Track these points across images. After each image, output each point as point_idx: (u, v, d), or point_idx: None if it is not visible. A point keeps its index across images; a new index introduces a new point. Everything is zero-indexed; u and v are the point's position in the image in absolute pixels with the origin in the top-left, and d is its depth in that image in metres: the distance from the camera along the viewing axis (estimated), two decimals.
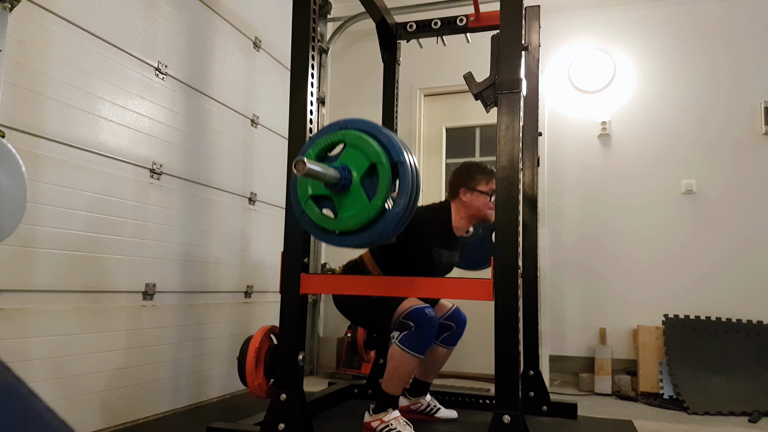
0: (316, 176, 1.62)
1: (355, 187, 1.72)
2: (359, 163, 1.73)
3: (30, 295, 1.99)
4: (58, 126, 2.10)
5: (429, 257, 2.40)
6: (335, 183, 1.70)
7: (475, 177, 2.47)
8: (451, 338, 2.56)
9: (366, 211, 1.70)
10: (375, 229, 1.72)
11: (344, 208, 1.74)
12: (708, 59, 3.71)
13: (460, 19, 2.93)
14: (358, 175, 1.72)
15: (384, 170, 1.70)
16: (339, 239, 1.79)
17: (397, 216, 1.71)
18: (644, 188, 3.74)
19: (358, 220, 1.71)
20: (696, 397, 3.13)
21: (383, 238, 1.78)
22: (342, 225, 1.74)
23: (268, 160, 3.53)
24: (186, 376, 2.75)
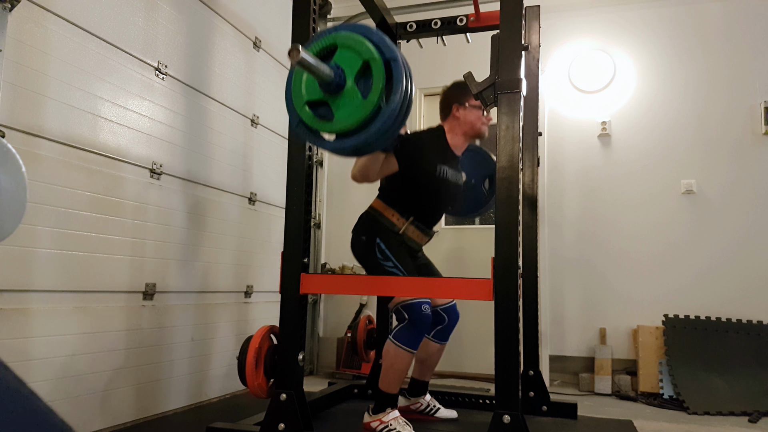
0: (310, 68, 1.59)
1: (349, 86, 1.69)
2: (352, 62, 1.70)
3: (30, 295, 1.99)
4: (58, 126, 2.10)
5: (435, 175, 2.41)
6: (330, 82, 1.67)
7: (466, 92, 2.47)
8: (442, 333, 2.57)
9: (362, 109, 1.67)
10: (371, 128, 1.69)
11: (340, 109, 1.71)
12: (708, 59, 3.71)
13: (460, 19, 2.93)
14: (351, 74, 1.70)
15: (377, 67, 1.68)
16: (337, 143, 1.76)
17: (393, 112, 1.68)
18: (644, 188, 3.74)
19: (355, 118, 1.68)
20: (696, 397, 3.13)
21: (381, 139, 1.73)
22: (338, 126, 1.71)
23: (268, 160, 3.53)
24: (186, 376, 2.75)
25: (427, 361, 2.61)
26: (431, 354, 2.58)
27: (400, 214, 2.42)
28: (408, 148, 2.39)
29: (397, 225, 2.41)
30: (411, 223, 2.42)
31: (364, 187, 4.16)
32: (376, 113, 1.68)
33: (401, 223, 2.41)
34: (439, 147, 2.50)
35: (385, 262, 2.34)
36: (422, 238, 2.49)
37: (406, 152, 2.38)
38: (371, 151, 1.89)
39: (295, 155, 2.24)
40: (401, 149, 2.37)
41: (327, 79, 1.66)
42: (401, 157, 2.38)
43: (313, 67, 1.59)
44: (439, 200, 2.51)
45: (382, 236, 2.38)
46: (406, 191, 2.42)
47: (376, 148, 1.84)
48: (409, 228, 2.42)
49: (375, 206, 2.48)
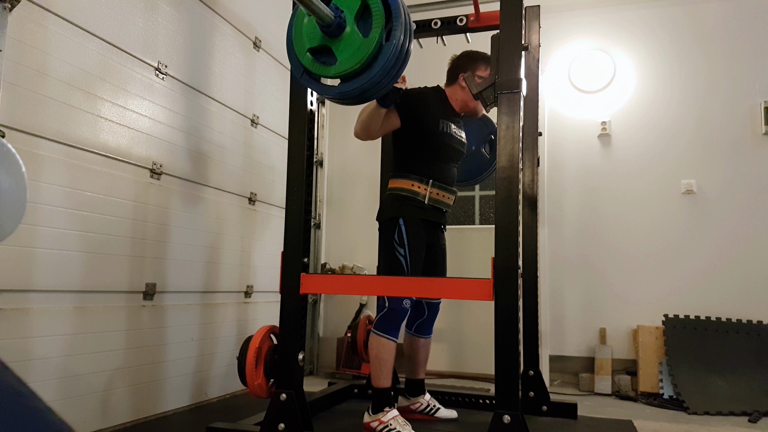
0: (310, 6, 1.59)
1: (350, 27, 1.70)
2: (351, 3, 1.71)
3: (30, 295, 1.99)
4: (58, 126, 2.10)
5: (437, 130, 2.42)
6: (330, 23, 1.67)
7: (476, 62, 2.51)
8: (423, 327, 2.60)
9: (364, 48, 1.68)
10: (375, 66, 1.69)
11: (342, 52, 1.71)
12: (708, 59, 3.71)
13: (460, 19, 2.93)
14: (351, 15, 1.70)
15: (376, 5, 1.68)
16: (343, 87, 1.76)
17: (394, 48, 1.69)
18: (644, 188, 3.74)
19: (358, 58, 1.69)
20: (696, 397, 3.13)
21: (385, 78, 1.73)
22: (342, 67, 1.71)
23: (268, 160, 3.53)
24: (186, 376, 2.75)
25: (414, 357, 2.63)
26: (417, 350, 2.61)
27: (418, 180, 2.40)
28: (409, 103, 2.40)
29: (420, 193, 2.39)
30: (432, 186, 2.41)
31: (365, 187, 4.17)
32: (379, 51, 1.69)
33: (423, 189, 2.40)
34: (440, 103, 2.52)
35: (398, 247, 2.35)
36: (448, 197, 2.47)
37: (407, 107, 2.40)
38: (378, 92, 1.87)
39: (295, 155, 2.24)
40: (402, 104, 2.38)
41: (327, 20, 1.67)
42: (403, 113, 2.39)
43: (313, 5, 1.59)
44: (447, 157, 2.48)
45: (405, 216, 2.37)
46: (414, 153, 2.42)
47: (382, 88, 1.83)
48: (432, 191, 2.41)
49: (393, 185, 2.46)
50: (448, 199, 2.48)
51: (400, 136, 2.44)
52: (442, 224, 2.56)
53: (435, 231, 2.53)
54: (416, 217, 2.39)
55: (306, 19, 1.76)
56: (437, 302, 2.62)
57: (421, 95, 2.48)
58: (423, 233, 2.41)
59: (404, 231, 2.35)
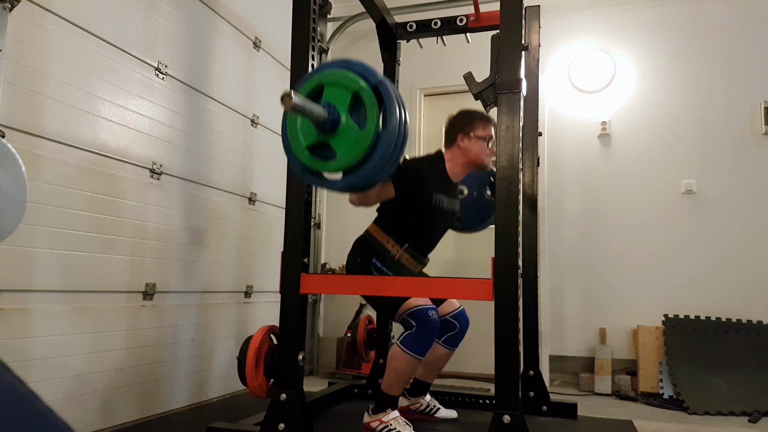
0: (304, 111, 1.59)
1: (344, 122, 1.70)
2: (342, 97, 1.71)
3: (30, 295, 1.99)
4: (58, 126, 2.10)
5: (430, 204, 2.40)
6: (324, 121, 1.67)
7: (473, 122, 2.46)
8: (453, 339, 2.55)
9: (362, 140, 1.67)
10: (375, 156, 1.69)
11: (340, 146, 1.71)
12: (708, 59, 3.71)
13: (460, 19, 2.93)
14: (344, 109, 1.70)
15: (367, 95, 1.68)
16: (345, 180, 1.76)
17: (392, 136, 1.69)
18: (644, 188, 3.74)
19: (357, 151, 1.68)
20: (696, 397, 3.13)
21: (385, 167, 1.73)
22: (343, 162, 1.71)
23: (268, 160, 3.53)
24: (186, 376, 2.75)
25: (432, 364, 2.58)
26: (438, 358, 2.56)
27: (395, 240, 2.40)
28: (405, 176, 2.36)
29: (391, 252, 2.40)
30: (405, 251, 2.41)
31: None
32: (377, 140, 1.69)
33: (396, 250, 2.40)
34: (437, 175, 2.47)
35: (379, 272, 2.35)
36: (415, 265, 2.47)
37: (404, 179, 2.36)
38: (381, 179, 1.88)
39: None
40: (399, 176, 2.34)
41: (321, 119, 1.67)
42: (398, 184, 2.35)
43: (306, 110, 1.60)
44: (435, 228, 2.49)
45: (378, 257, 2.38)
46: (402, 218, 2.40)
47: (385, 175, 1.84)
48: (404, 255, 2.41)
49: (371, 231, 2.46)
50: (414, 267, 2.47)
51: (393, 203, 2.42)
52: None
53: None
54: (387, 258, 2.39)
55: (299, 120, 1.75)
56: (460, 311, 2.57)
57: (417, 170, 2.42)
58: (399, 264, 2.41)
59: (380, 265, 2.36)
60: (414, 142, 4.19)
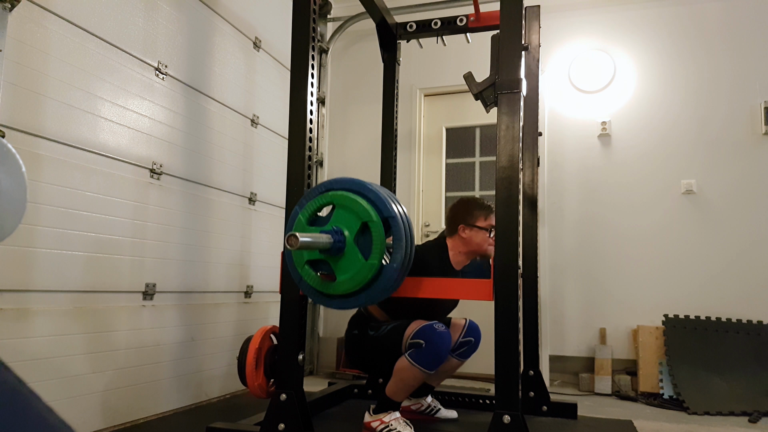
0: (309, 247, 1.62)
1: (349, 247, 1.71)
2: (351, 222, 1.73)
3: (30, 295, 1.99)
4: (58, 126, 2.10)
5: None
6: (329, 249, 1.69)
7: (473, 213, 2.46)
8: (467, 352, 2.56)
9: (364, 271, 1.70)
10: (376, 287, 1.72)
11: (341, 271, 1.73)
12: (708, 59, 3.71)
13: (460, 19, 2.93)
14: (351, 234, 1.72)
15: (376, 227, 1.69)
16: (341, 302, 1.79)
17: (395, 271, 1.72)
18: (644, 188, 3.74)
19: (357, 281, 1.71)
20: (696, 397, 3.13)
21: (384, 295, 1.77)
22: (341, 288, 1.73)
23: (268, 160, 3.53)
24: (186, 376, 2.75)
25: (442, 372, 2.58)
26: (447, 368, 2.56)
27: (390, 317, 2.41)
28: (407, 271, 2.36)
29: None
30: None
31: None
32: (379, 272, 1.70)
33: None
34: (439, 265, 2.46)
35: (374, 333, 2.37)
36: None
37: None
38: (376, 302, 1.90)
39: (295, 155, 2.24)
40: None
41: (326, 247, 1.69)
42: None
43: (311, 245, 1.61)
44: (431, 314, 2.45)
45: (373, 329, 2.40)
46: (401, 304, 2.37)
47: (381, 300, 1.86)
48: None
49: (370, 309, 2.48)
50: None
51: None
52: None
53: None
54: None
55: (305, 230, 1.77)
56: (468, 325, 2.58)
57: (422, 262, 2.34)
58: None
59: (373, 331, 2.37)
60: (414, 143, 4.19)
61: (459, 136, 4.22)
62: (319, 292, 1.80)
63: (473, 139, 4.19)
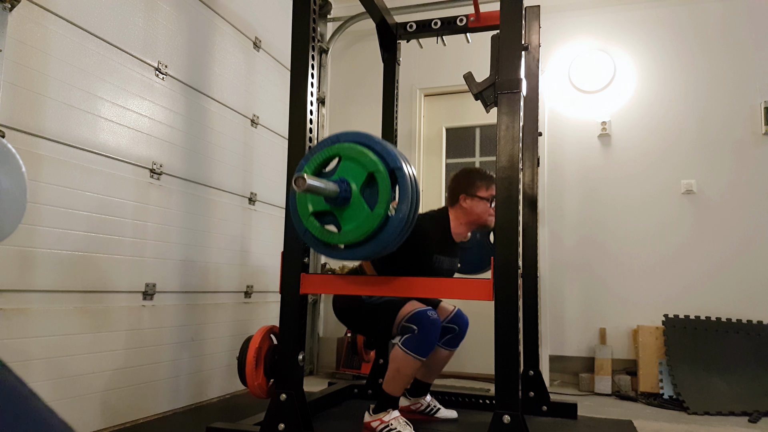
0: (317, 191, 1.62)
1: (355, 198, 1.71)
2: (357, 174, 1.72)
3: (30, 295, 1.99)
4: (58, 126, 2.10)
5: (430, 265, 2.40)
6: (335, 197, 1.69)
7: (474, 183, 2.47)
8: (453, 340, 2.55)
9: (369, 222, 1.69)
10: (380, 239, 1.71)
11: (346, 221, 1.73)
12: (708, 59, 3.71)
13: (460, 19, 2.93)
14: (357, 186, 1.72)
15: (382, 178, 1.69)
16: (345, 253, 1.78)
17: (400, 223, 1.71)
18: (644, 188, 3.74)
19: (362, 231, 1.70)
20: (696, 397, 3.13)
21: (389, 247, 1.77)
22: (346, 238, 1.73)
23: (268, 160, 3.53)
24: (186, 376, 2.75)
25: (433, 365, 2.59)
26: (439, 359, 2.57)
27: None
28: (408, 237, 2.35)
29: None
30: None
31: None
32: (384, 223, 1.69)
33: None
34: (440, 236, 2.46)
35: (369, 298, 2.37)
36: None
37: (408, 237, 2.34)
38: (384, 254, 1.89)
39: (295, 155, 2.24)
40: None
41: (333, 195, 1.68)
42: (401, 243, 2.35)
43: (319, 189, 1.61)
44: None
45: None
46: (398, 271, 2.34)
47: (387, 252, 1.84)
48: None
49: (364, 266, 2.48)
50: None
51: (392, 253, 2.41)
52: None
53: None
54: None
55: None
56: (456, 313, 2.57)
57: (421, 229, 2.32)
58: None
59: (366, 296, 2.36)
60: (414, 143, 4.19)
61: (459, 136, 4.23)
62: (323, 243, 1.79)
63: (473, 139, 4.19)
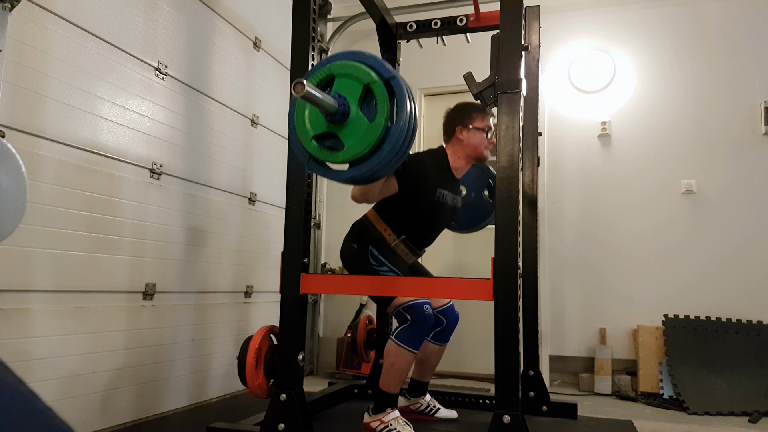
0: (315, 100, 1.59)
1: (354, 114, 1.69)
2: (353, 89, 1.70)
3: (30, 295, 1.99)
4: (58, 126, 2.10)
5: (433, 199, 2.40)
6: (334, 112, 1.67)
7: (470, 114, 2.48)
8: (442, 335, 2.57)
9: (371, 133, 1.67)
10: (384, 150, 1.68)
11: (348, 137, 1.70)
12: (708, 59, 3.71)
13: (460, 19, 2.93)
14: (354, 101, 1.70)
15: (379, 88, 1.67)
16: (351, 172, 1.75)
17: (401, 131, 1.69)
18: (644, 188, 3.74)
19: (365, 143, 1.67)
20: (696, 397, 3.13)
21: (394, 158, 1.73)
22: (350, 153, 1.70)
23: (268, 160, 3.53)
24: (186, 376, 2.75)
25: (426, 362, 2.60)
26: (430, 355, 2.58)
27: (392, 230, 2.41)
28: (409, 171, 2.36)
29: (387, 240, 2.41)
30: (402, 242, 2.42)
31: None
32: (386, 134, 1.68)
33: (392, 239, 2.41)
34: (440, 171, 2.48)
35: (379, 267, 2.35)
36: (410, 257, 2.48)
37: (407, 175, 2.35)
38: (387, 173, 1.87)
39: (295, 155, 2.24)
40: (402, 172, 2.34)
41: (331, 109, 1.66)
42: (402, 180, 2.35)
43: (317, 99, 1.59)
44: (435, 224, 2.49)
45: (374, 244, 2.39)
46: (403, 212, 2.40)
47: (391, 169, 1.83)
48: (399, 245, 2.42)
49: (369, 217, 2.47)
50: (408, 258, 2.48)
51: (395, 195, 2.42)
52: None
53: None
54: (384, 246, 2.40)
55: (308, 109, 1.74)
56: (449, 306, 2.59)
57: (421, 164, 2.43)
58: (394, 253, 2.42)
59: (377, 253, 2.36)
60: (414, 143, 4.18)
61: None
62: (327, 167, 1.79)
63: None
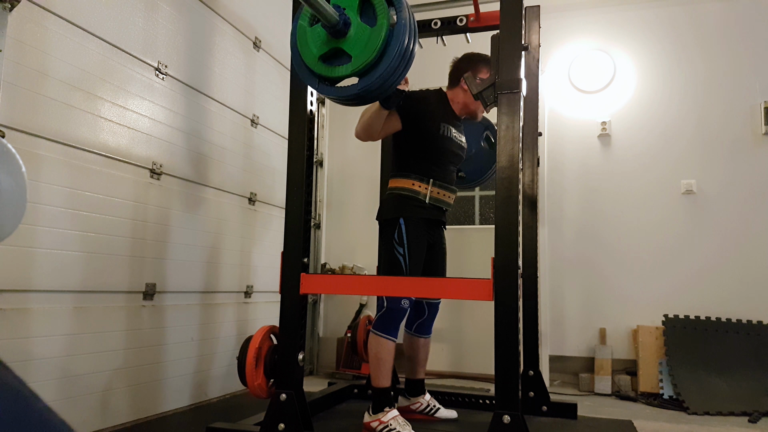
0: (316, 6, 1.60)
1: (355, 24, 1.71)
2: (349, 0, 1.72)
3: (30, 295, 1.99)
4: (58, 126, 2.10)
5: (438, 132, 2.42)
6: (335, 23, 1.68)
7: (478, 65, 2.50)
8: (423, 327, 2.61)
9: (375, 37, 1.68)
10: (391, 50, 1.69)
11: (353, 47, 1.72)
12: (708, 59, 3.71)
13: (460, 19, 2.93)
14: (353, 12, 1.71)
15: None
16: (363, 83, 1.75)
17: (405, 28, 1.70)
18: (644, 188, 3.74)
19: (372, 48, 1.69)
20: (696, 397, 3.13)
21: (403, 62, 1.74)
22: (359, 62, 1.71)
23: (268, 160, 3.53)
24: (186, 376, 2.75)
25: (414, 357, 2.63)
26: (417, 350, 2.62)
27: (419, 180, 2.40)
28: (411, 106, 2.40)
29: (421, 193, 2.40)
30: (433, 185, 2.42)
31: (364, 187, 4.17)
32: (390, 35, 1.69)
33: (424, 188, 2.40)
34: (441, 105, 2.52)
35: (398, 246, 2.36)
36: (449, 195, 2.48)
37: (409, 109, 2.39)
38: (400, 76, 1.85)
39: (295, 155, 2.24)
40: (404, 107, 2.38)
41: (333, 20, 1.67)
42: (404, 115, 2.39)
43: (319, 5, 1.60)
44: (447, 157, 2.48)
45: (406, 216, 2.38)
46: (415, 152, 2.42)
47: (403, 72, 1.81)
48: (433, 190, 2.42)
49: (393, 185, 2.46)
50: (449, 198, 2.49)
51: (400, 137, 2.44)
52: (442, 222, 2.56)
53: (436, 230, 2.53)
54: (417, 216, 2.39)
55: (308, 31, 1.75)
56: (437, 302, 2.62)
57: (423, 98, 2.48)
58: (424, 233, 2.42)
59: (404, 231, 2.36)
60: None
61: None
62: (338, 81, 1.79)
63: None
